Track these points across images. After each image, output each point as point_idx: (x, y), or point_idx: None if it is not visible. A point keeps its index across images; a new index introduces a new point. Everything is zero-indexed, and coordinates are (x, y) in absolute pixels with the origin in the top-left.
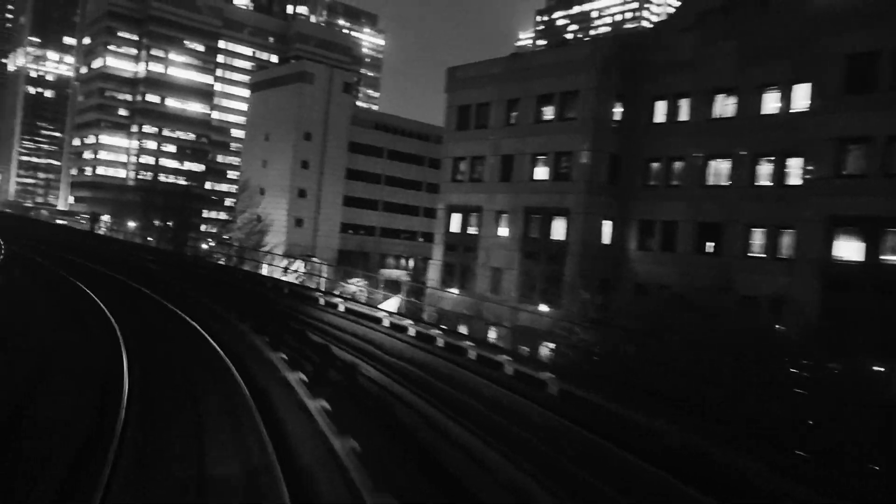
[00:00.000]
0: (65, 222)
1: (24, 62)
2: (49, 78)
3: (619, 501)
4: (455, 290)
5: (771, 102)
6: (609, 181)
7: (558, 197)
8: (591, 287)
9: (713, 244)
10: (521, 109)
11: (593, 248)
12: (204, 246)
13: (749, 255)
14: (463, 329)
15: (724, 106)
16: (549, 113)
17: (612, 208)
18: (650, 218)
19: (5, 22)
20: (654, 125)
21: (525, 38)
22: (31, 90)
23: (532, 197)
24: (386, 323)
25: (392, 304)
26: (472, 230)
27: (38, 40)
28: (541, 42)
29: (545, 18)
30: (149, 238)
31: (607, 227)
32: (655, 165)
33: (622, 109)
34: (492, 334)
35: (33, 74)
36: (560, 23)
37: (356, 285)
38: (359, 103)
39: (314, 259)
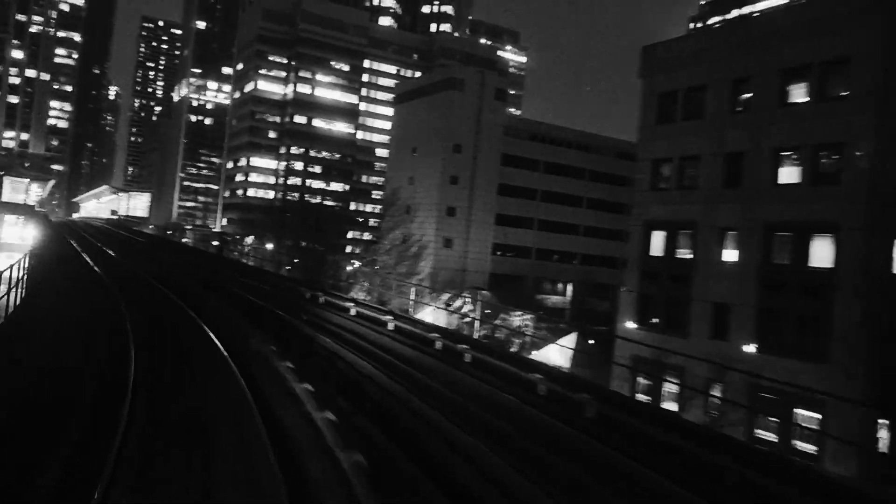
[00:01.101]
0: (187, 241)
1: (186, 92)
2: (208, 106)
3: None
4: (646, 331)
5: None
6: None
7: (819, 207)
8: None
9: None
10: (754, 90)
11: (881, 280)
12: (349, 268)
13: None
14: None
15: None
16: (799, 91)
17: None
18: None
19: (174, 59)
20: None
21: None
22: (193, 118)
23: (775, 208)
24: None
25: (559, 351)
26: (682, 253)
27: (199, 71)
28: None
29: (699, 25)
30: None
31: None
32: None
33: None
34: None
35: (194, 104)
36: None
37: (520, 318)
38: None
39: (483, 292)
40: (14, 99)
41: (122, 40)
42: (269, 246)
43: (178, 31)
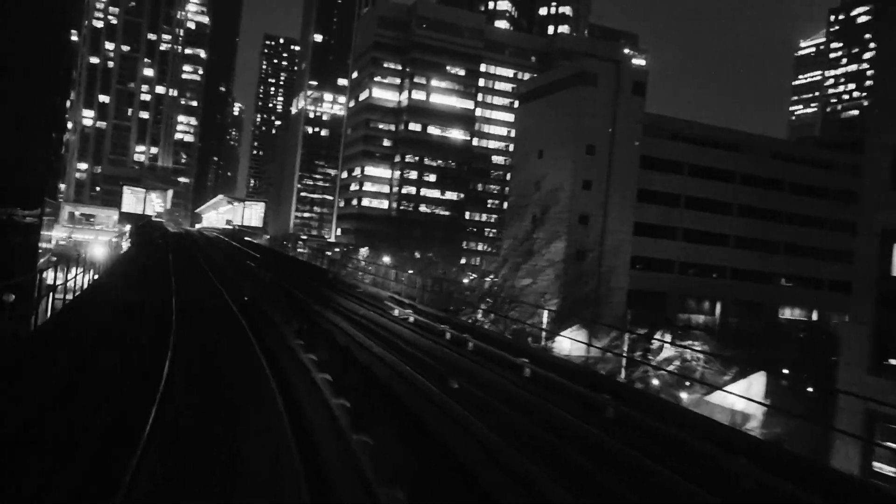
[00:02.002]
0: (301, 250)
1: (303, 105)
2: (324, 118)
3: None
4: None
5: None
6: None
7: None
8: None
9: None
10: None
11: None
12: (465, 280)
13: None
14: None
15: None
16: None
17: None
18: None
19: (294, 74)
20: None
21: (809, 45)
22: (309, 130)
23: None
24: None
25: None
26: None
27: (316, 83)
28: (835, 45)
29: (841, 17)
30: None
31: None
32: None
33: None
34: None
35: (311, 115)
36: (861, 19)
37: (691, 350)
38: None
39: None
40: (145, 115)
41: (245, 58)
42: (387, 259)
43: (297, 48)
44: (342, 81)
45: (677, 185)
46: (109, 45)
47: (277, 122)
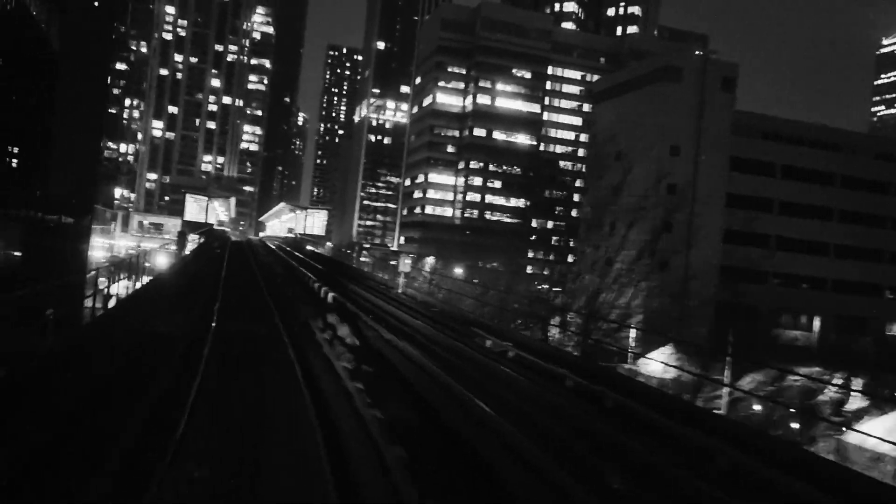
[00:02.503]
0: (365, 260)
1: (366, 113)
2: (387, 125)
3: None
4: None
5: None
6: None
7: None
8: None
9: None
10: None
11: None
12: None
13: None
14: None
15: None
16: None
17: None
18: None
19: (356, 83)
20: None
21: (891, 42)
22: (372, 138)
23: None
24: None
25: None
26: None
27: (378, 91)
28: None
29: None
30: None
31: None
32: None
33: None
34: None
35: (374, 123)
36: None
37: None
38: None
39: None
40: (211, 125)
41: (309, 69)
42: (459, 271)
43: (360, 57)
44: (405, 89)
45: (770, 188)
46: (178, 57)
47: (340, 131)
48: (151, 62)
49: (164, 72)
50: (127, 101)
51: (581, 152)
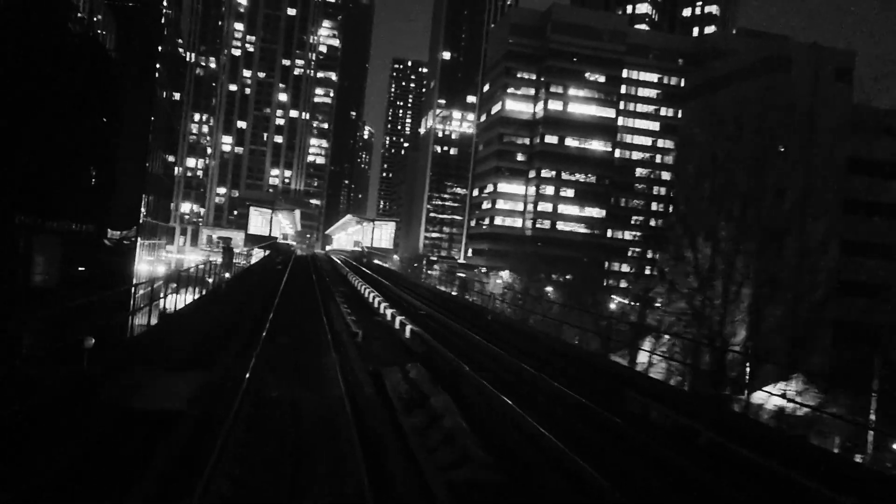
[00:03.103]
0: (433, 273)
1: (432, 124)
2: (453, 136)
3: None
4: None
5: None
6: None
7: None
8: None
9: None
10: None
11: None
12: (611, 306)
13: None
14: None
15: None
16: None
17: None
18: None
19: (421, 96)
20: None
21: None
22: (438, 149)
23: None
24: None
25: None
26: None
27: (444, 102)
28: None
29: None
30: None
31: None
32: None
33: None
34: None
35: (440, 134)
36: None
37: None
38: None
39: None
40: (279, 139)
41: (374, 83)
42: (549, 290)
43: (425, 69)
44: (471, 99)
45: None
46: (247, 73)
47: (406, 144)
48: (221, 78)
49: (233, 87)
50: (196, 117)
51: (659, 158)
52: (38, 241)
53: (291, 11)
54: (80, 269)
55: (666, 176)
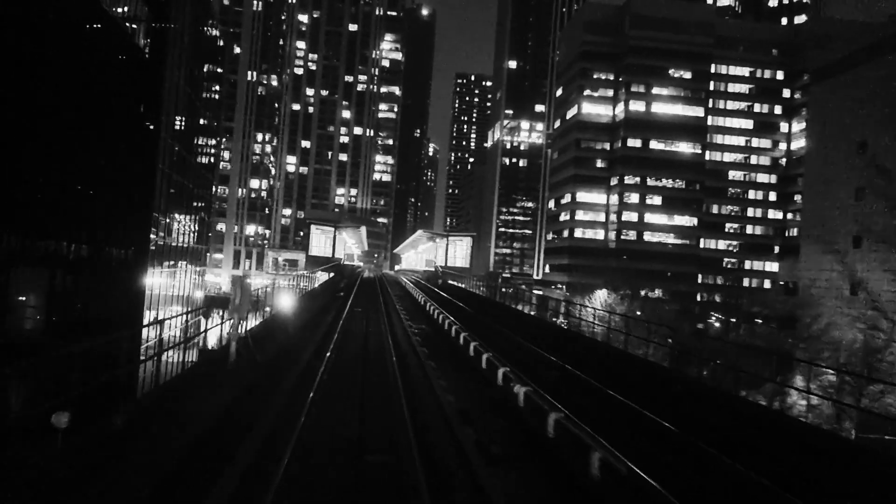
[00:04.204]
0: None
1: (499, 135)
2: (522, 147)
3: None
4: None
5: None
6: None
7: None
8: None
9: None
10: None
11: None
12: (714, 322)
13: None
14: None
15: None
16: None
17: None
18: None
19: (485, 110)
20: None
21: None
22: (506, 161)
23: None
24: None
25: None
26: None
27: (511, 112)
28: None
29: None
30: None
31: None
32: None
33: None
34: None
35: (508, 146)
36: None
37: None
38: None
39: None
40: (343, 157)
41: (438, 100)
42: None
43: (489, 83)
44: (539, 108)
45: None
46: (309, 91)
47: (471, 160)
48: (284, 98)
49: (296, 107)
50: (259, 136)
51: (754, 159)
52: (17, 274)
53: (353, 27)
54: (73, 305)
55: (762, 178)
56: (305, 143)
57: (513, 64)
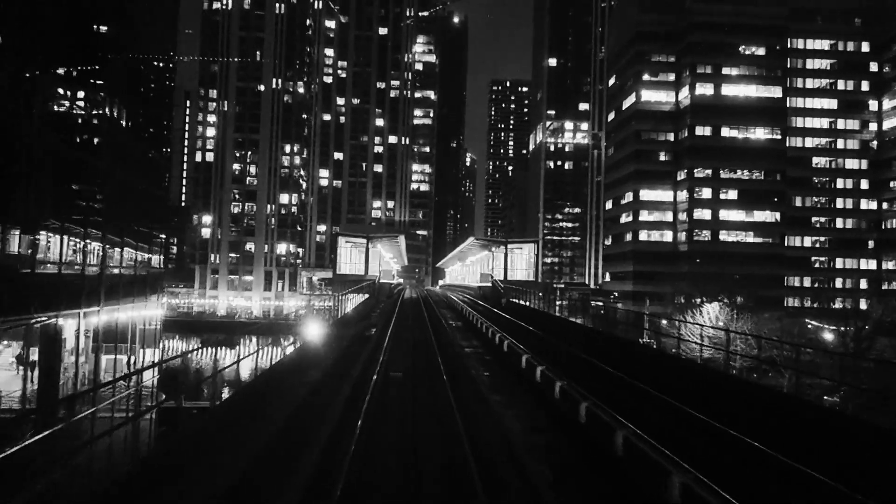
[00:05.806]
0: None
1: (542, 137)
2: (566, 149)
3: None
4: None
5: None
6: None
7: None
8: None
9: None
10: None
11: None
12: (828, 336)
13: None
14: None
15: None
16: None
17: None
18: None
19: (523, 116)
20: None
21: None
22: (551, 164)
23: None
24: None
25: None
26: None
27: (553, 113)
28: None
29: None
30: None
31: None
32: None
33: None
34: None
35: (551, 148)
36: None
37: None
38: None
39: None
40: (379, 168)
41: (473, 109)
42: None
43: (524, 88)
44: (583, 106)
45: None
46: (340, 100)
47: (510, 167)
48: (315, 109)
49: (326, 117)
50: (287, 148)
51: (841, 143)
52: None
53: (383, 31)
54: None
55: (851, 164)
56: (338, 155)
57: (553, 61)
